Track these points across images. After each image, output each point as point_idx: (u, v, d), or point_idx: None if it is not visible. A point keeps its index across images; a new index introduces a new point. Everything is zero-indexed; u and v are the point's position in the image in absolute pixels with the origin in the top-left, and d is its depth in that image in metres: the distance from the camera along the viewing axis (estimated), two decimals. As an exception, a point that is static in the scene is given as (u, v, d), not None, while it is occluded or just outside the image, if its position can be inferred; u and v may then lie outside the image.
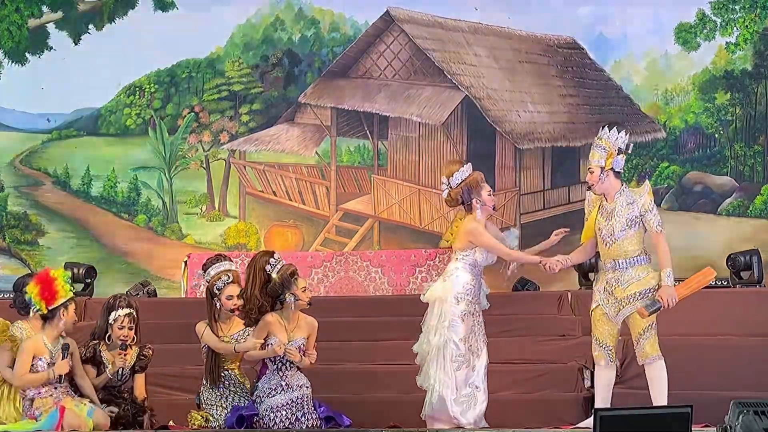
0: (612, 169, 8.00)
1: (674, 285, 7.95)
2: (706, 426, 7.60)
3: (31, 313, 8.37)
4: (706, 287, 8.13)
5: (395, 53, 13.67)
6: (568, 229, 8.35)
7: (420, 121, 13.51)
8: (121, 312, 8.35)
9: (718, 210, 13.15)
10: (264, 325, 8.03)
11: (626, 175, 13.25)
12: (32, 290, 8.23)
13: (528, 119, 13.46)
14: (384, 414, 8.79)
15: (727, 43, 13.33)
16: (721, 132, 13.29)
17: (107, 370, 8.35)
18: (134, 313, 8.40)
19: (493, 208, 8.29)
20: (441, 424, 8.03)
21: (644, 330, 7.90)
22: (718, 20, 13.34)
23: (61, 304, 8.14)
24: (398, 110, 13.55)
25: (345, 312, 10.49)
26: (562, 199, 13.42)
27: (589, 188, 8.15)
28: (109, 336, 8.38)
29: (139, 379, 8.50)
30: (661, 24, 13.47)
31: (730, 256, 11.65)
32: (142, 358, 8.47)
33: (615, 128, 8.06)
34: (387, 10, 13.63)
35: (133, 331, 8.38)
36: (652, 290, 7.90)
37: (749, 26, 13.27)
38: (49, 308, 8.15)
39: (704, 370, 9.25)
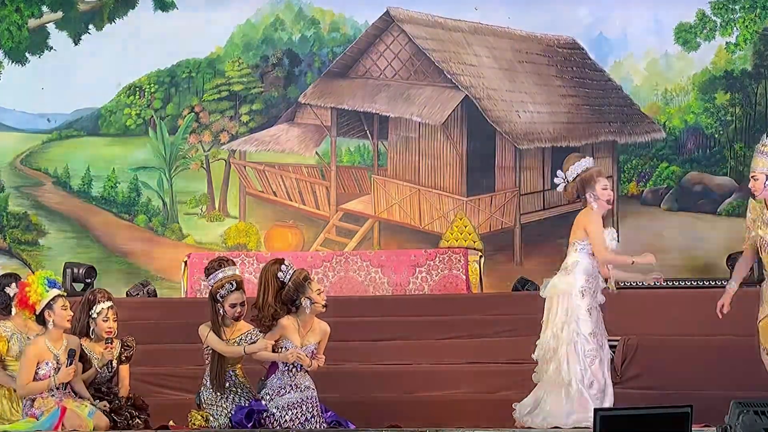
0: None
1: None
2: (706, 426, 7.59)
3: (13, 312, 8.42)
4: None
5: (395, 53, 13.66)
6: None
7: (420, 121, 13.50)
8: (104, 305, 8.32)
9: (718, 210, 13.13)
10: (279, 328, 8.03)
11: (626, 175, 13.31)
12: (16, 303, 8.27)
13: (528, 119, 13.45)
14: (384, 414, 8.78)
15: (727, 43, 13.32)
16: (721, 132, 13.28)
17: (95, 364, 8.33)
18: (114, 306, 8.39)
19: (608, 203, 8.05)
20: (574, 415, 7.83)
21: None
22: (718, 20, 13.33)
23: (45, 307, 8.09)
24: (398, 110, 13.55)
25: (345, 312, 10.47)
26: (562, 199, 13.33)
27: (752, 195, 7.95)
28: (93, 331, 8.36)
29: (124, 371, 8.49)
30: (661, 24, 13.46)
31: (730, 256, 11.61)
32: (127, 348, 8.46)
33: None
34: (387, 10, 13.62)
35: (116, 323, 8.38)
36: None
37: (749, 26, 13.27)
38: (36, 314, 8.14)
39: (704, 370, 9.24)
